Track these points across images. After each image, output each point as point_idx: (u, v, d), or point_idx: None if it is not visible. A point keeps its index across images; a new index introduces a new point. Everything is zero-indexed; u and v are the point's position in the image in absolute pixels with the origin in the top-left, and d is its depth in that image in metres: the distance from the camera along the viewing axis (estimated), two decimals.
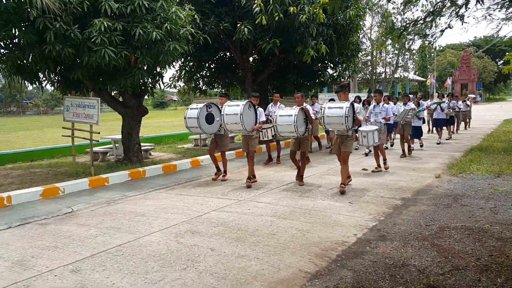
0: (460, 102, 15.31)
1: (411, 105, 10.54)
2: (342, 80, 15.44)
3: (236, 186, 7.16)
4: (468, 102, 16.50)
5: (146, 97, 10.83)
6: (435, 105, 12.69)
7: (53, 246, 4.32)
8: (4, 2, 6.93)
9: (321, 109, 6.38)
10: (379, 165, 8.15)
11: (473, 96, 21.22)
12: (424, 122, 12.83)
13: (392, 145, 11.73)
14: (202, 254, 3.99)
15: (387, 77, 23.46)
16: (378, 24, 21.36)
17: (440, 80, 51.78)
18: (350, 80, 20.50)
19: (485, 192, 6.05)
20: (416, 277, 3.35)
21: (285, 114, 6.71)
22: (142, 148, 10.05)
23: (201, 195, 6.59)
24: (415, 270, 3.48)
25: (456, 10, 4.93)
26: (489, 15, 5.77)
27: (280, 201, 5.99)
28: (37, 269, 3.74)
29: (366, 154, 10.46)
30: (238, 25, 10.33)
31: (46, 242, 4.49)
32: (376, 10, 20.36)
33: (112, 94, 9.96)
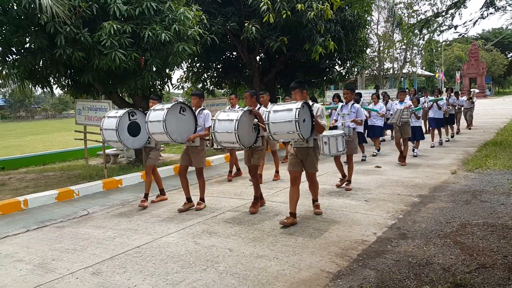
0: (462, 98, 13.89)
1: (409, 102, 9.05)
2: (351, 76, 15.34)
3: (248, 186, 7.13)
4: (474, 99, 14.68)
5: None
6: (431, 102, 10.96)
7: (72, 249, 4.33)
8: (15, 8, 6.98)
9: (265, 114, 4.61)
10: (344, 175, 6.63)
11: (477, 91, 19.56)
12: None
13: (378, 150, 10.12)
14: (221, 255, 3.97)
15: (395, 72, 23.25)
16: (385, 20, 21.16)
17: (448, 74, 51.24)
18: (359, 77, 20.36)
19: (504, 187, 5.94)
20: (442, 275, 3.28)
21: (224, 118, 5.08)
22: None
23: (214, 196, 6.57)
24: (439, 268, 3.41)
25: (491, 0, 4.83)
26: (509, 5, 5.65)
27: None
28: (58, 271, 3.74)
29: (375, 155, 9.81)
30: (246, 24, 10.30)
31: (64, 244, 4.49)
32: (383, 6, 20.18)
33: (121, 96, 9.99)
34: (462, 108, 13.91)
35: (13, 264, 4.01)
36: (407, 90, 11.87)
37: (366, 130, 10.35)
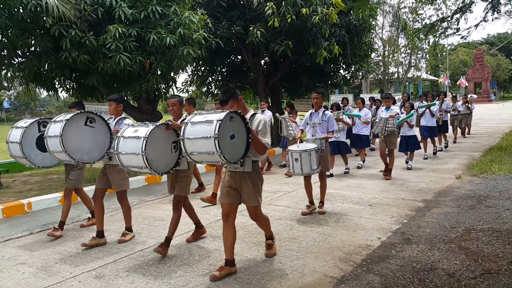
0: (459, 103, 12.62)
1: (396, 109, 7.96)
2: (355, 81, 15.32)
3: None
4: (470, 105, 13.13)
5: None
6: (423, 108, 9.71)
7: (75, 252, 4.33)
8: (21, 11, 7.05)
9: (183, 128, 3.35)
10: (312, 201, 5.51)
11: (475, 96, 17.38)
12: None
13: (363, 162, 9.02)
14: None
15: (400, 77, 23.21)
16: (390, 24, 21.17)
17: (452, 79, 51.05)
18: (363, 81, 20.34)
19: (509, 192, 5.88)
20: (446, 281, 3.25)
21: (130, 135, 3.83)
22: None
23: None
24: (444, 274, 3.38)
25: (494, 4, 4.83)
26: None
27: (299, 204, 5.91)
28: (61, 275, 3.74)
29: (360, 167, 8.73)
30: (251, 28, 10.32)
31: (68, 248, 4.50)
32: (388, 10, 20.19)
33: (126, 99, 10.03)
34: (459, 114, 12.71)
35: (16, 267, 4.02)
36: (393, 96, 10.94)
37: (350, 140, 9.53)
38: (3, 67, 7.65)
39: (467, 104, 12.76)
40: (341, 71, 14.05)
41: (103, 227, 4.61)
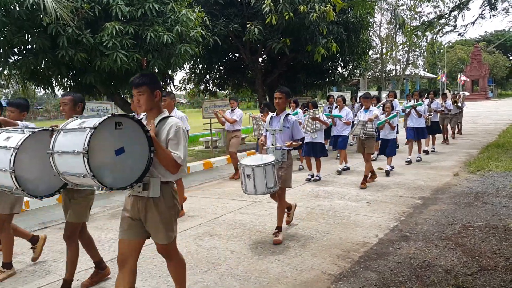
0: (449, 102, 11.69)
1: (374, 111, 7.15)
2: (353, 78, 15.33)
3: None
4: (460, 103, 12.31)
5: None
6: (409, 108, 8.90)
7: None
8: (18, 8, 7.01)
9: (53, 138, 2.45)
10: (279, 228, 4.42)
11: (466, 93, 15.98)
12: (397, 132, 8.57)
13: (339, 172, 7.91)
14: (223, 257, 3.96)
15: (398, 74, 23.25)
16: (388, 21, 21.18)
17: (450, 76, 51.17)
18: (361, 79, 20.36)
19: (506, 189, 5.91)
20: (444, 278, 3.26)
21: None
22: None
23: (216, 197, 6.56)
24: (441, 270, 3.40)
25: (490, 0, 4.83)
26: None
27: (297, 202, 5.90)
28: (59, 273, 3.74)
29: (339, 172, 7.89)
30: (248, 25, 10.31)
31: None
32: (386, 8, 20.20)
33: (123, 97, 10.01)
34: (449, 113, 11.76)
35: (13, 265, 4.00)
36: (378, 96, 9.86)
37: (329, 140, 8.98)
38: None
39: (455, 103, 11.89)
40: (339, 68, 14.06)
41: (11, 258, 3.83)
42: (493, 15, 4.94)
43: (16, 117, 3.76)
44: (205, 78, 14.09)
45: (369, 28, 13.88)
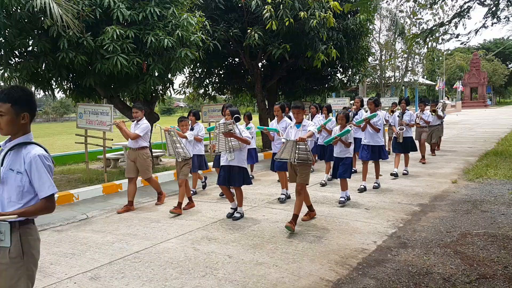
0: (426, 113, 9.67)
1: (309, 126, 5.13)
2: (352, 84, 15.37)
3: (249, 193, 7.11)
4: (440, 112, 10.48)
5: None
6: (361, 123, 6.96)
7: (70, 253, 4.31)
8: (19, 11, 7.03)
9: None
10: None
11: (448, 102, 13.02)
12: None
13: (324, 184, 7.34)
14: (220, 261, 3.95)
15: (397, 81, 23.31)
16: (387, 28, 21.27)
17: (449, 84, 51.37)
18: (360, 85, 20.42)
19: (505, 197, 5.92)
20: (442, 285, 3.26)
21: None
22: (153, 154, 10.05)
23: (214, 201, 6.55)
24: (440, 278, 3.39)
25: (493, 10, 4.87)
26: None
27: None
28: (56, 276, 3.72)
29: (323, 184, 7.31)
30: (249, 30, 10.35)
31: (63, 249, 4.47)
32: (385, 15, 20.29)
33: (123, 100, 10.01)
34: (426, 126, 9.77)
35: None
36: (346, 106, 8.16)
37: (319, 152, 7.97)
38: (0, 67, 7.62)
39: (434, 113, 10.10)
40: (338, 74, 14.10)
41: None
42: (494, 23, 4.97)
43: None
44: (205, 82, 14.10)
45: (369, 35, 13.93)
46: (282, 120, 6.69)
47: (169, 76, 9.30)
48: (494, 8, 4.92)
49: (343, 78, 14.03)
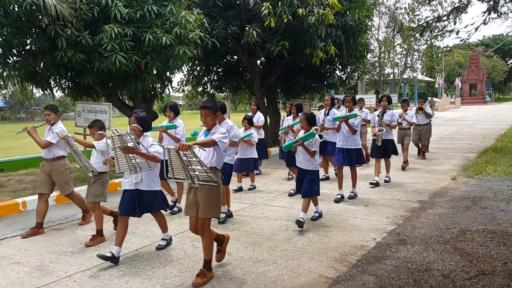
0: (411, 113, 8.77)
1: (218, 131, 3.67)
2: (351, 81, 15.35)
3: (248, 190, 7.11)
4: (428, 109, 9.60)
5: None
6: (338, 120, 6.07)
7: (70, 252, 4.31)
8: (17, 9, 7.00)
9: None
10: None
11: (435, 100, 11.71)
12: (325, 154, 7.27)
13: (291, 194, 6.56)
14: None
15: (396, 78, 23.31)
16: (386, 25, 21.25)
17: (448, 80, 51.32)
18: (359, 82, 20.41)
19: (504, 194, 5.92)
20: (441, 282, 3.26)
21: None
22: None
23: None
24: (439, 274, 3.40)
25: (493, 5, 4.85)
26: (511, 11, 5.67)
27: (294, 205, 5.92)
28: (56, 274, 3.72)
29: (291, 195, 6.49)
30: (247, 28, 10.32)
31: (62, 247, 4.47)
32: (384, 11, 20.27)
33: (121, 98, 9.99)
34: (412, 127, 8.98)
35: (10, 267, 3.98)
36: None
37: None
38: None
39: (420, 111, 9.28)
40: (337, 71, 14.07)
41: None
42: (492, 18, 4.96)
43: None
44: (203, 80, 14.07)
45: (368, 32, 13.91)
46: (223, 123, 5.06)
47: (168, 74, 9.28)
48: (494, 4, 4.91)
49: (342, 75, 14.01)
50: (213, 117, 3.64)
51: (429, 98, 10.66)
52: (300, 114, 5.68)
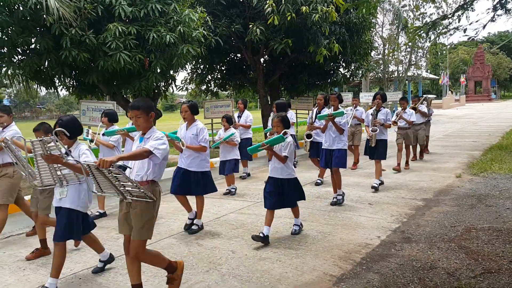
0: (410, 110, 8.25)
1: (152, 136, 3.24)
2: (355, 79, 15.30)
3: (252, 188, 7.11)
4: (424, 108, 8.97)
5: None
6: (323, 119, 5.73)
7: (75, 249, 4.33)
8: (21, 9, 7.04)
9: None
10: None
11: (431, 96, 11.03)
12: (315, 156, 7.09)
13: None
14: (224, 257, 3.96)
15: (400, 75, 23.18)
16: (390, 22, 21.12)
17: (453, 78, 50.98)
18: (363, 79, 20.32)
19: (510, 192, 5.89)
20: (446, 280, 3.25)
21: None
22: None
23: (217, 197, 6.55)
24: (444, 273, 3.38)
25: (500, 1, 4.81)
26: None
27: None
28: (61, 272, 3.73)
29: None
30: (250, 26, 10.30)
31: (68, 245, 4.48)
32: (388, 9, 20.14)
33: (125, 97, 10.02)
34: (411, 126, 8.36)
35: (16, 264, 4.02)
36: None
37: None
38: (3, 65, 7.64)
39: (415, 109, 8.50)
40: (341, 69, 14.02)
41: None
42: (498, 15, 4.92)
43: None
44: (207, 79, 14.08)
45: (372, 29, 13.84)
46: (193, 124, 4.89)
47: (171, 72, 9.30)
48: (501, 0, 4.87)
49: (346, 73, 13.96)
50: (146, 118, 3.06)
51: (424, 96, 9.92)
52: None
